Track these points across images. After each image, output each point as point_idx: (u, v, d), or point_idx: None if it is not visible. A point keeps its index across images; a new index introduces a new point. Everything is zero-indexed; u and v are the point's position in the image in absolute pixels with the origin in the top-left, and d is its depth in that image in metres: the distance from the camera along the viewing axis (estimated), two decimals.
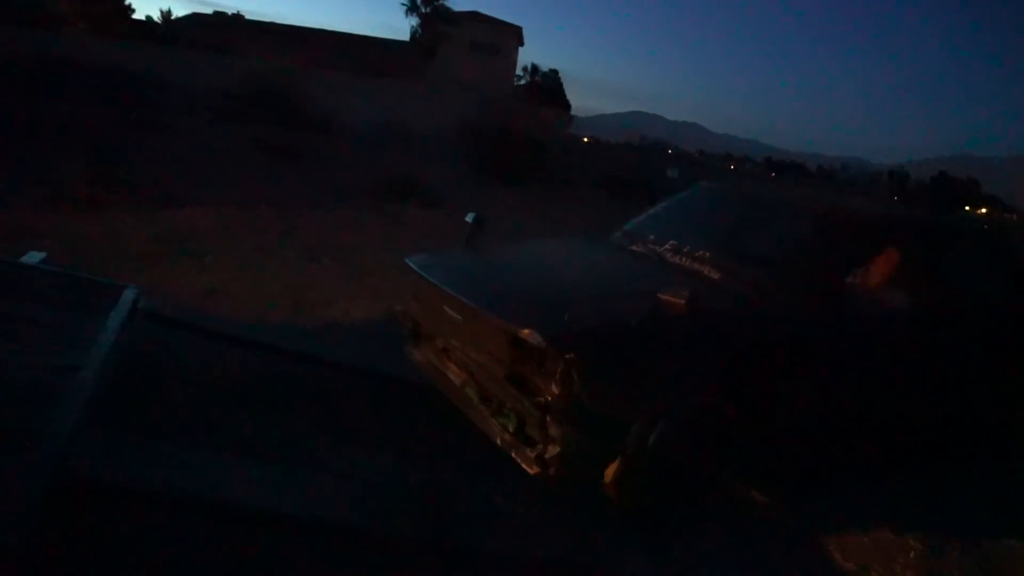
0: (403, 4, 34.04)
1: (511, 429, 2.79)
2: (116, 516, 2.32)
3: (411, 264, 3.54)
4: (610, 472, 2.65)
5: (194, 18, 39.07)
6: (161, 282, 5.06)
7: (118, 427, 2.74)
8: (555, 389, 2.54)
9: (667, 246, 3.67)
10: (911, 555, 3.05)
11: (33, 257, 3.91)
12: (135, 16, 33.97)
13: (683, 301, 2.55)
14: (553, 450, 2.57)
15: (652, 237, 3.84)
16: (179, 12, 41.51)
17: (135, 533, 2.27)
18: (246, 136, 14.27)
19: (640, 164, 24.34)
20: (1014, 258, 4.31)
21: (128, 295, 3.43)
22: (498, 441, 2.82)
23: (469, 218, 3.86)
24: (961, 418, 4.03)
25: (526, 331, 2.60)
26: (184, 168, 10.72)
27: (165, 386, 3.36)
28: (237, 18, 40.73)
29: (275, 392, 3.54)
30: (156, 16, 37.71)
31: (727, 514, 3.07)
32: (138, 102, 16.33)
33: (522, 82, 37.38)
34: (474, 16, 36.92)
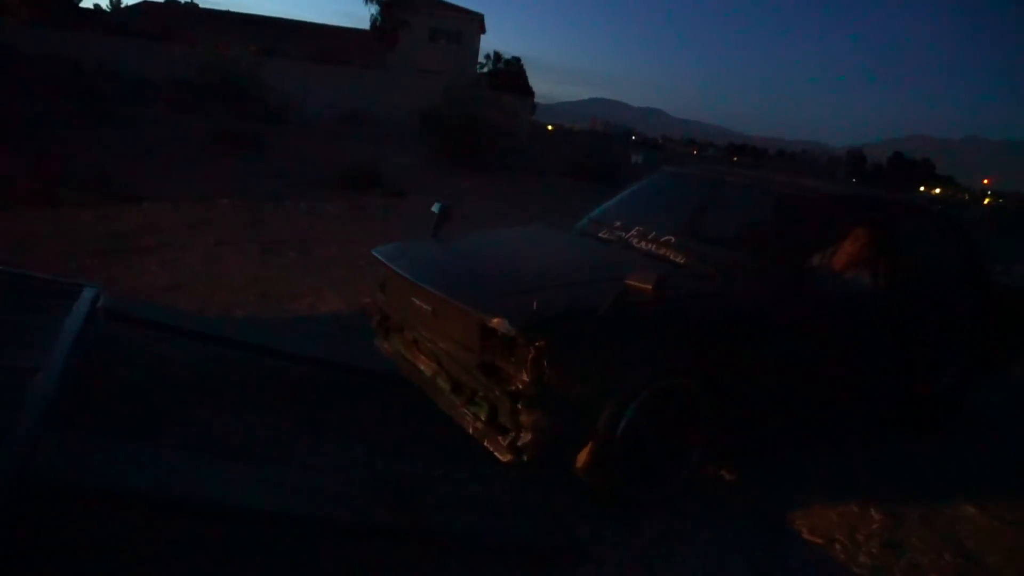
0: None
1: (483, 417, 2.80)
2: (82, 519, 2.28)
3: (378, 255, 3.51)
4: (582, 456, 2.68)
5: (145, 7, 37.94)
6: (122, 279, 4.94)
7: (82, 429, 2.68)
8: (525, 376, 2.55)
9: (633, 231, 3.70)
10: (874, 526, 3.15)
11: None
12: (82, 4, 32.91)
13: (649, 285, 2.57)
14: (525, 437, 2.59)
15: (618, 223, 3.87)
16: (129, 0, 40.18)
17: (102, 535, 2.24)
18: (203, 127, 13.97)
19: (604, 150, 24.46)
20: (965, 235, 4.45)
21: (87, 294, 3.35)
22: (470, 430, 2.82)
23: (435, 208, 3.84)
24: (917, 387, 4.17)
25: (495, 320, 2.60)
26: (139, 161, 10.47)
27: (129, 385, 3.31)
28: (191, 7, 39.69)
29: (243, 388, 3.50)
30: (105, 4, 36.59)
31: (697, 493, 3.14)
32: (88, 93, 15.86)
33: (485, 69, 37.18)
34: (435, 3, 36.53)
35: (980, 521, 3.35)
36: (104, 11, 35.41)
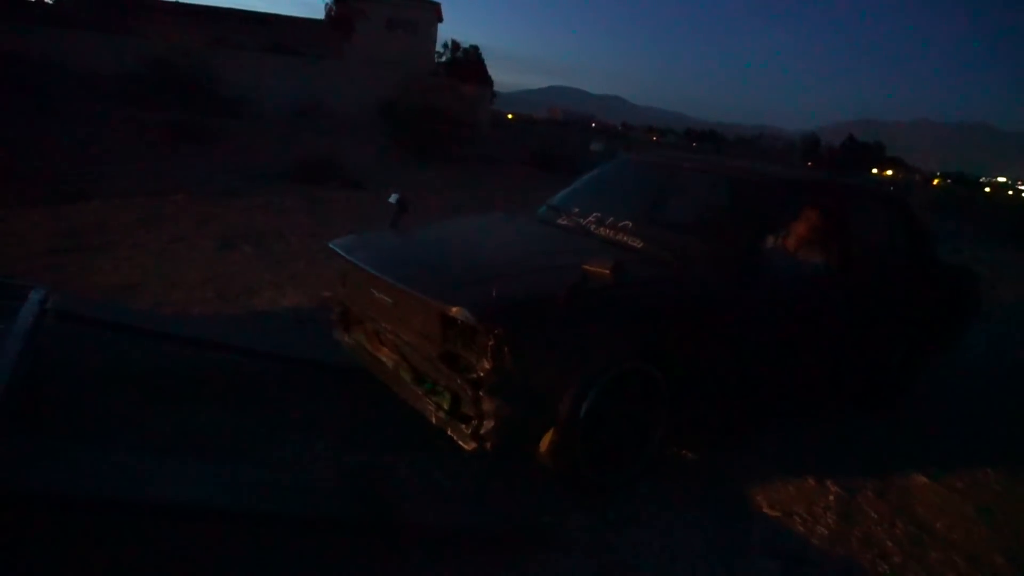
0: None
1: (445, 406, 2.80)
2: (35, 526, 2.23)
3: (336, 248, 3.48)
4: (545, 442, 2.71)
5: None
6: (73, 280, 4.80)
7: (32, 433, 2.62)
8: (486, 364, 2.56)
9: (591, 218, 3.73)
10: (830, 498, 3.24)
11: None
12: None
13: (607, 271, 2.60)
14: (488, 424, 2.60)
15: (576, 210, 3.89)
16: None
17: (56, 541, 2.19)
18: (154, 122, 13.59)
19: (564, 138, 24.51)
20: (913, 216, 4.58)
21: (35, 295, 3.25)
22: (433, 419, 2.83)
23: (392, 199, 3.82)
24: (870, 365, 4.29)
25: (455, 309, 2.60)
26: (88, 158, 10.15)
27: (82, 387, 3.23)
28: None
29: (201, 386, 3.44)
30: None
31: (659, 474, 3.19)
32: (30, 88, 15.31)
33: (443, 59, 36.77)
34: None
35: (931, 490, 3.48)
36: (47, 2, 34.08)
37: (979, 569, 2.87)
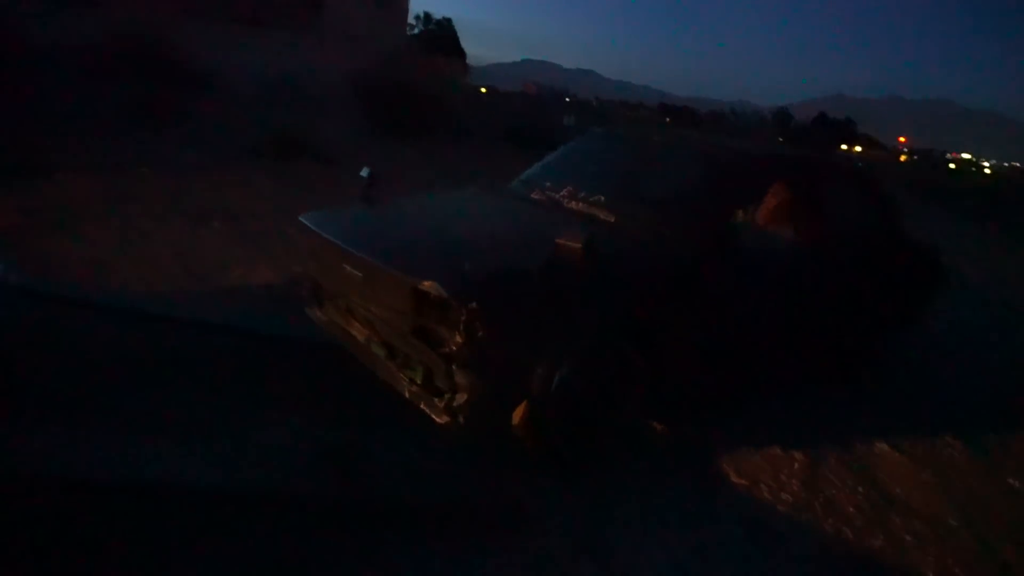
0: None
1: (418, 381, 2.82)
2: (5, 506, 2.21)
3: (306, 222, 3.45)
4: (517, 415, 2.73)
5: None
6: (38, 257, 4.70)
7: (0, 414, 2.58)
8: (459, 339, 2.57)
9: (563, 192, 3.74)
10: (795, 466, 3.34)
11: None
12: None
13: (579, 245, 2.62)
14: (461, 398, 2.62)
15: (549, 184, 3.89)
16: None
17: (25, 522, 2.17)
18: (119, 95, 13.22)
19: (537, 113, 24.38)
20: (880, 191, 4.66)
21: None
22: (406, 394, 2.84)
23: (364, 173, 3.79)
24: (837, 337, 4.39)
25: (427, 283, 2.61)
26: (49, 132, 9.86)
27: (48, 367, 3.17)
28: None
29: (173, 364, 3.40)
30: None
31: (631, 446, 3.25)
32: None
33: (415, 31, 36.30)
34: None
35: (892, 458, 3.59)
36: None
37: (935, 531, 2.98)
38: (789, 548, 2.72)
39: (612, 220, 3.41)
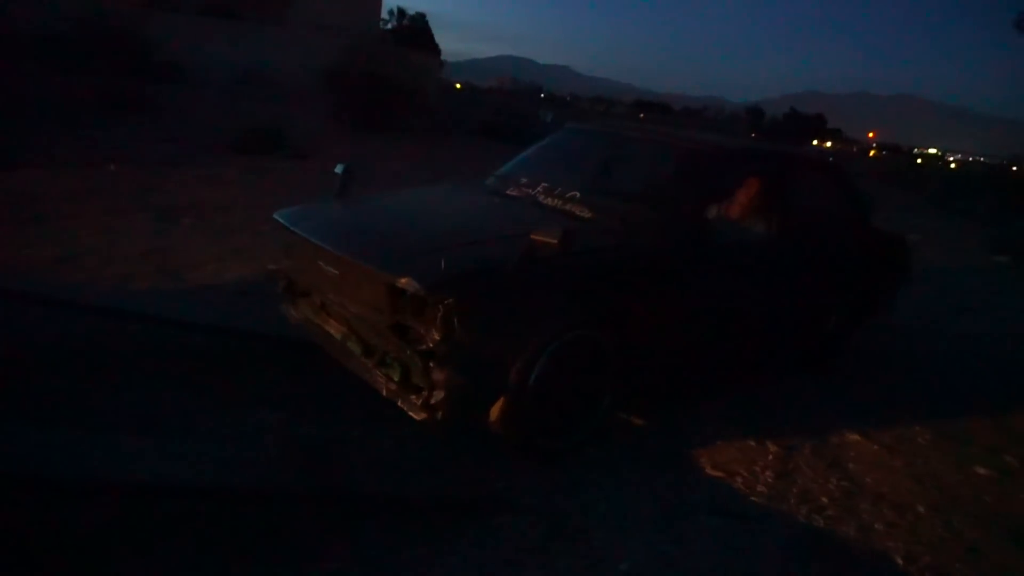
0: None
1: (395, 378, 2.81)
2: None
3: (280, 219, 3.41)
4: (495, 410, 2.74)
5: None
6: (2, 253, 4.60)
7: None
8: (436, 335, 2.56)
9: (539, 188, 3.74)
10: (769, 457, 3.38)
11: None
12: None
13: (555, 240, 2.63)
14: (438, 395, 2.61)
15: (524, 180, 3.90)
16: None
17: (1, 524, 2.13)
18: (85, 87, 12.95)
19: (514, 108, 24.35)
20: (850, 185, 4.74)
21: None
22: (384, 391, 2.82)
23: (339, 169, 3.75)
24: (810, 327, 4.46)
25: (403, 279, 2.60)
26: (11, 124, 9.63)
27: (17, 364, 3.11)
28: None
29: (144, 361, 3.36)
30: None
31: (608, 438, 3.27)
32: None
33: (389, 26, 35.91)
34: None
35: (863, 446, 3.66)
36: None
37: (904, 518, 3.05)
38: (763, 538, 2.76)
39: (588, 215, 3.42)
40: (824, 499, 3.11)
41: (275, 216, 3.47)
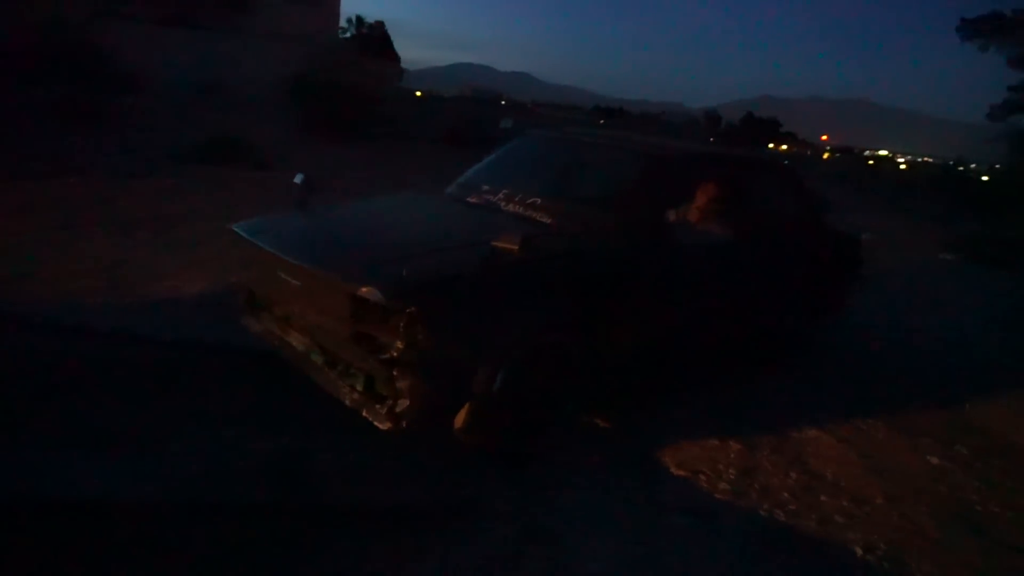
0: None
1: (359, 388, 2.79)
2: None
3: (239, 231, 3.37)
4: (460, 417, 2.75)
5: None
6: None
7: None
8: (399, 343, 2.56)
9: (501, 195, 3.77)
10: (731, 455, 3.45)
11: None
12: None
13: (516, 246, 2.65)
14: (403, 403, 2.61)
15: (486, 187, 3.92)
16: None
17: None
18: (38, 98, 12.63)
19: (474, 116, 24.36)
20: (803, 186, 4.87)
21: None
22: (348, 401, 2.81)
23: (298, 179, 3.73)
24: (769, 327, 4.56)
25: (365, 288, 2.59)
26: None
27: None
28: None
29: (102, 378, 3.28)
30: None
31: (574, 442, 3.30)
32: None
33: (347, 34, 35.71)
34: None
35: (822, 441, 3.75)
36: None
37: (862, 509, 3.13)
38: (728, 535, 2.81)
39: (549, 221, 3.45)
40: (785, 494, 3.18)
41: (233, 228, 3.43)
